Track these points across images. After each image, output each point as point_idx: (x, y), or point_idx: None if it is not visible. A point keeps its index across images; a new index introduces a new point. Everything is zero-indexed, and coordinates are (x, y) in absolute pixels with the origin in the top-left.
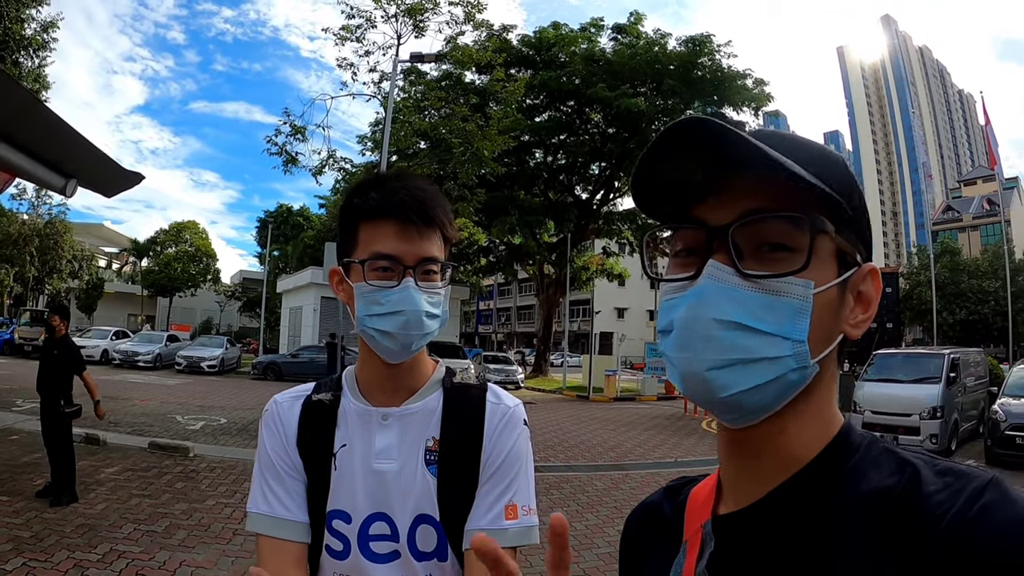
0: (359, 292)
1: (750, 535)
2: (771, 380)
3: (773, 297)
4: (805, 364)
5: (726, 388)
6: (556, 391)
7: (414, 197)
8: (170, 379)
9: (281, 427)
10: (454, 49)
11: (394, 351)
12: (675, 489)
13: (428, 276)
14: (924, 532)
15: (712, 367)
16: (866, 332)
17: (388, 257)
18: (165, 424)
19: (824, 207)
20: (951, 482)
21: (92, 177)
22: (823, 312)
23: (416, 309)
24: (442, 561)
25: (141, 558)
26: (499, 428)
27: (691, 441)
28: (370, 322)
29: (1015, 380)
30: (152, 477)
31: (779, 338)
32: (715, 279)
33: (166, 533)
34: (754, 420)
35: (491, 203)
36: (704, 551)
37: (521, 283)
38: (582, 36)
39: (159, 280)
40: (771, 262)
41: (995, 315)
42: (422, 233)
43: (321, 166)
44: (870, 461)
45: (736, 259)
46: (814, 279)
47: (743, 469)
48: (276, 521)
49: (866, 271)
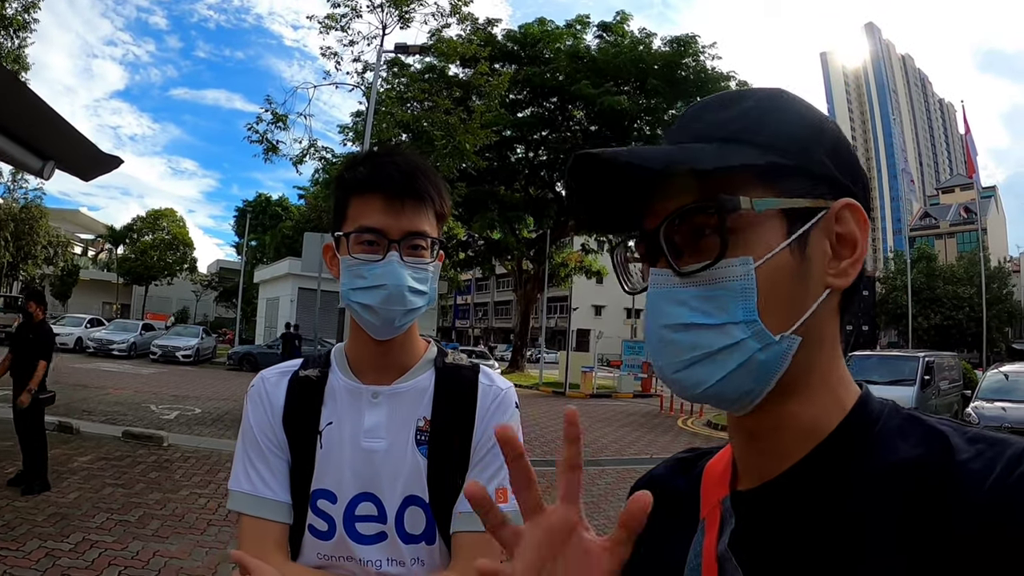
0: (344, 265)
1: (772, 511)
2: (739, 367)
3: (712, 287)
4: (769, 340)
5: (698, 385)
6: (533, 387)
7: (402, 171)
8: (144, 368)
9: (267, 403)
10: (439, 41)
11: (377, 326)
12: (687, 462)
13: (415, 251)
14: (960, 501)
15: (677, 369)
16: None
17: (373, 230)
18: (139, 413)
19: (752, 175)
20: (984, 449)
21: (70, 160)
22: (778, 280)
23: (399, 284)
24: (430, 544)
25: (114, 548)
26: (491, 410)
27: (667, 438)
28: (353, 295)
29: (988, 384)
30: (126, 466)
31: (729, 325)
32: (657, 286)
33: (139, 523)
34: (750, 406)
35: (471, 197)
36: (724, 529)
37: (499, 278)
38: (567, 33)
39: (135, 268)
40: (704, 253)
41: (969, 321)
42: (409, 207)
43: (302, 155)
44: (894, 429)
45: (676, 260)
46: (752, 252)
47: (756, 452)
48: (258, 500)
49: (837, 208)
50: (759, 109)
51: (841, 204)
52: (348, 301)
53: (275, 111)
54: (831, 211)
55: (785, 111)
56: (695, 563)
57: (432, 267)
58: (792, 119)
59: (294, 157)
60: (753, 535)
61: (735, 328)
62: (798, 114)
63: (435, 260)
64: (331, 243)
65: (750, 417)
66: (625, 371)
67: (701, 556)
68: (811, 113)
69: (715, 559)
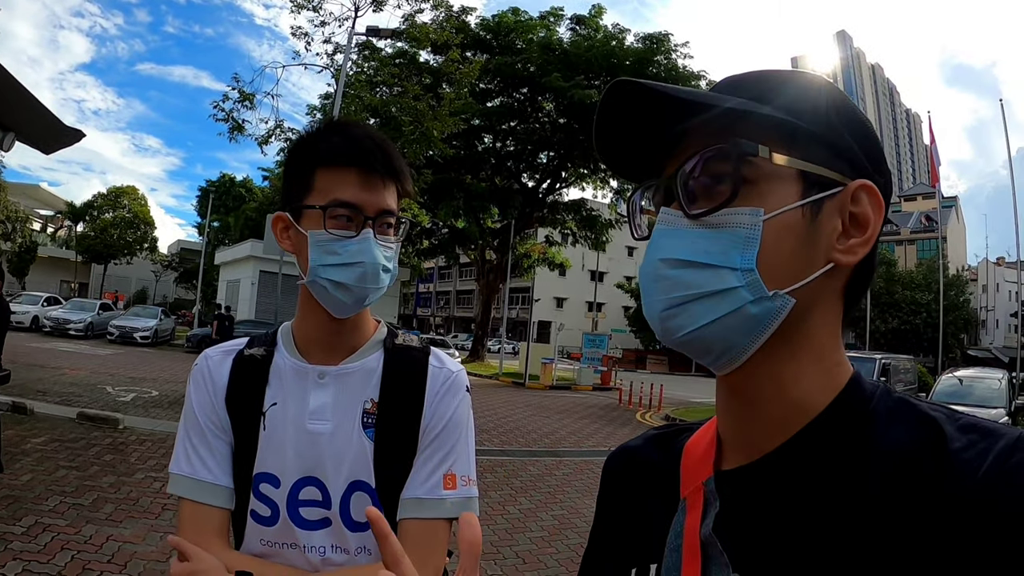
0: (315, 240)
1: (759, 493)
2: (727, 314)
3: (717, 230)
4: (762, 294)
5: (682, 327)
6: (492, 376)
7: (379, 146)
8: (101, 349)
9: (210, 383)
10: (411, 26)
11: (347, 304)
12: (665, 438)
13: (385, 229)
14: (953, 490)
15: (665, 307)
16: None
17: (349, 206)
18: (95, 395)
19: (772, 131)
20: (976, 440)
21: (31, 132)
22: (783, 238)
23: (374, 261)
24: None
25: (67, 532)
26: (440, 393)
27: (625, 431)
28: (324, 272)
29: (943, 388)
30: (80, 449)
31: (725, 269)
32: (665, 224)
33: (93, 507)
34: (736, 361)
35: (437, 185)
36: (708, 511)
37: (462, 267)
38: (541, 24)
39: (94, 246)
40: (717, 200)
41: (926, 326)
42: (384, 184)
43: (268, 136)
44: (886, 412)
45: (689, 202)
46: (764, 205)
47: (744, 421)
48: (198, 484)
49: (853, 189)
50: (793, 83)
51: (858, 184)
52: (317, 278)
53: (242, 90)
54: (848, 189)
55: (820, 89)
56: (675, 544)
57: (396, 246)
58: (826, 96)
59: (260, 137)
60: (739, 518)
61: (730, 274)
62: (833, 94)
63: (399, 239)
64: (283, 214)
65: (737, 376)
66: (585, 363)
67: (682, 538)
68: (846, 100)
69: (698, 542)
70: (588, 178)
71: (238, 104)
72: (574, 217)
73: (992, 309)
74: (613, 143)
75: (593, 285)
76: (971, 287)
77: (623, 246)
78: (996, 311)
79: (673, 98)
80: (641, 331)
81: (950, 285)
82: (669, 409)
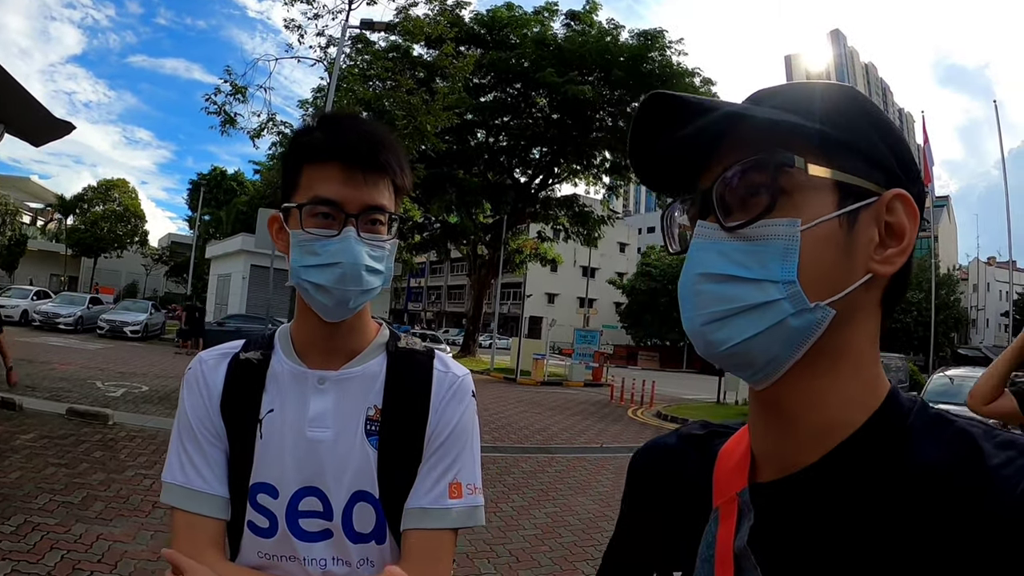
0: (295, 240)
1: (795, 507)
2: (770, 327)
3: (755, 243)
4: (804, 306)
5: (725, 341)
6: (484, 372)
7: (363, 138)
8: (91, 343)
9: (204, 388)
10: (406, 20)
11: (329, 307)
12: (699, 440)
13: (373, 227)
14: (992, 508)
15: (706, 322)
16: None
17: (329, 202)
18: (84, 390)
19: (807, 141)
20: (1015, 456)
21: (22, 124)
22: (822, 249)
23: (355, 262)
24: (380, 544)
25: (56, 531)
26: (446, 398)
27: (617, 428)
28: (304, 273)
29: (934, 387)
30: (69, 445)
31: (766, 282)
32: (702, 237)
33: (83, 504)
34: (775, 375)
35: (429, 180)
36: (742, 523)
37: (453, 262)
38: (535, 19)
39: (84, 239)
40: (753, 211)
41: (917, 325)
42: (369, 179)
43: (260, 129)
44: (923, 428)
45: (724, 215)
46: (801, 216)
47: (780, 435)
48: (192, 494)
49: (888, 198)
50: (826, 94)
51: (893, 193)
52: (298, 280)
53: (234, 83)
54: (883, 198)
55: (853, 100)
56: (707, 554)
57: (390, 245)
58: (862, 107)
59: (252, 131)
60: (773, 532)
61: (772, 286)
62: (865, 105)
63: (393, 237)
64: (278, 215)
65: (774, 389)
66: (577, 359)
67: (714, 548)
68: (878, 110)
69: (731, 555)
70: (581, 174)
71: (230, 97)
72: (566, 213)
73: (983, 308)
74: (648, 157)
75: (585, 281)
76: (962, 286)
77: (615, 242)
78: (987, 310)
79: (708, 109)
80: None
81: (941, 284)
82: (661, 406)
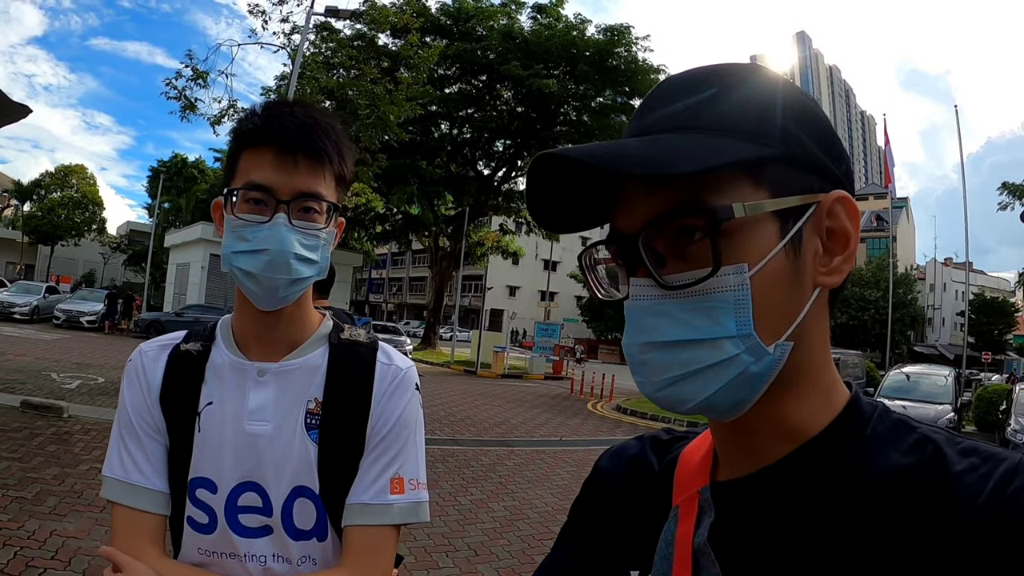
0: (228, 225)
1: (755, 504)
2: (730, 381)
3: (702, 299)
4: (762, 354)
5: (687, 400)
6: (444, 364)
7: (299, 123)
8: (47, 333)
9: (144, 380)
10: (371, 8)
11: (258, 295)
12: (662, 444)
13: (307, 215)
14: (953, 514)
15: (662, 387)
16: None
17: (260, 187)
18: (39, 382)
19: (736, 169)
20: (977, 463)
21: None
22: (773, 287)
23: (283, 249)
24: (322, 540)
25: (9, 527)
26: (389, 391)
27: (576, 421)
28: (234, 259)
29: (890, 383)
30: (23, 439)
31: (722, 340)
32: (638, 298)
33: (36, 500)
34: (740, 413)
35: (392, 170)
36: (702, 520)
37: (415, 254)
38: (502, 11)
39: (41, 226)
40: (690, 261)
41: (874, 322)
42: (303, 164)
43: (220, 116)
44: (885, 433)
45: (658, 270)
46: (746, 259)
47: (741, 445)
48: (131, 488)
49: (828, 203)
50: (739, 91)
51: (833, 198)
52: (229, 265)
53: (196, 67)
54: (823, 205)
55: (768, 92)
56: (666, 552)
57: (325, 234)
58: (776, 101)
59: (212, 117)
60: (733, 529)
61: (728, 342)
62: (782, 96)
63: (330, 227)
64: (220, 200)
65: (739, 418)
66: (537, 352)
67: (673, 546)
68: (794, 93)
69: (690, 551)
70: None
71: (191, 82)
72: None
73: (939, 308)
74: (547, 207)
75: (546, 274)
76: (919, 285)
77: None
78: (943, 310)
79: (623, 172)
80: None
81: (899, 283)
82: (621, 399)
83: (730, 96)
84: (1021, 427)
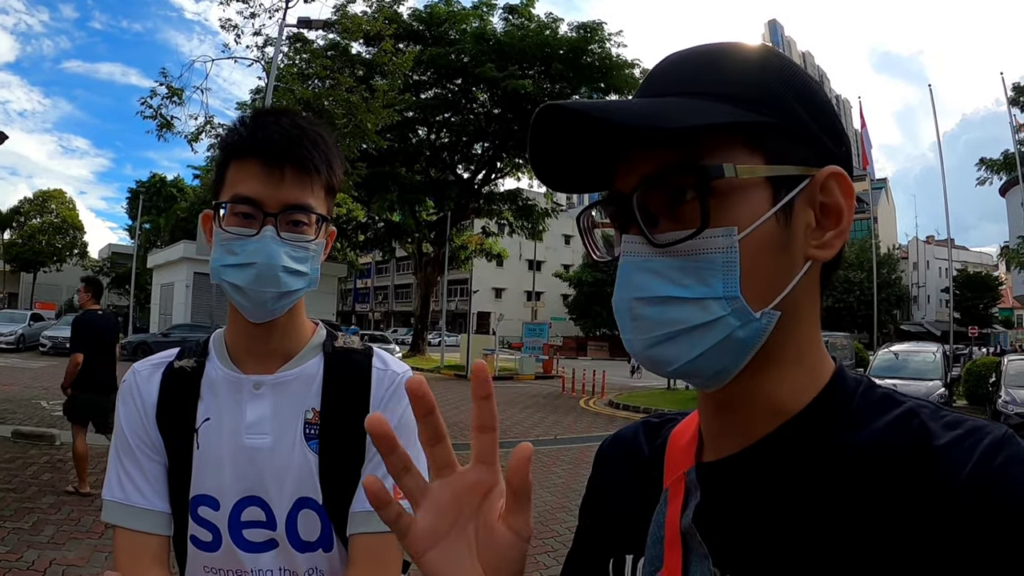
0: (216, 239)
1: (739, 485)
2: (717, 343)
3: (691, 259)
4: (750, 317)
5: (672, 361)
6: (434, 370)
7: (286, 133)
8: (34, 361)
9: (139, 399)
10: (343, 17)
11: (248, 308)
12: (653, 427)
13: (296, 227)
14: (939, 486)
15: (649, 345)
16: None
17: (248, 201)
18: (29, 411)
19: (732, 134)
20: (963, 436)
21: None
22: (762, 252)
23: (271, 263)
24: (328, 551)
25: (8, 559)
26: (386, 397)
27: (570, 419)
28: (223, 273)
29: (880, 363)
30: (16, 469)
31: (708, 300)
32: (630, 254)
33: (34, 530)
34: (724, 381)
35: (371, 179)
36: (689, 501)
37: (399, 261)
38: (474, 14)
39: (23, 253)
40: (682, 220)
41: (860, 304)
42: (291, 176)
43: (197, 132)
44: (870, 407)
45: (650, 228)
46: (736, 222)
47: (727, 421)
48: (131, 510)
49: (822, 178)
50: (744, 63)
51: (827, 173)
52: (218, 279)
53: (170, 85)
54: (816, 179)
55: (772, 67)
56: (658, 535)
57: (314, 245)
58: (780, 76)
59: (189, 135)
60: (718, 509)
61: (715, 303)
62: (787, 72)
63: (319, 238)
64: (210, 213)
65: (721, 390)
66: (527, 353)
67: (664, 528)
68: (798, 72)
69: (679, 533)
70: (523, 168)
71: (166, 100)
72: (510, 207)
73: (923, 285)
74: (551, 164)
75: (531, 274)
76: (902, 265)
77: (560, 235)
78: (927, 287)
79: (610, 118)
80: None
81: (882, 263)
82: (613, 395)
83: (734, 67)
84: (1011, 399)
